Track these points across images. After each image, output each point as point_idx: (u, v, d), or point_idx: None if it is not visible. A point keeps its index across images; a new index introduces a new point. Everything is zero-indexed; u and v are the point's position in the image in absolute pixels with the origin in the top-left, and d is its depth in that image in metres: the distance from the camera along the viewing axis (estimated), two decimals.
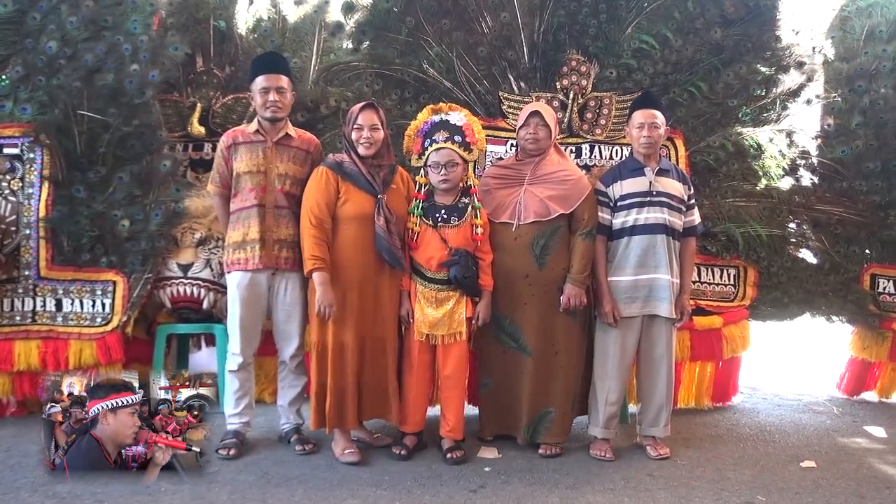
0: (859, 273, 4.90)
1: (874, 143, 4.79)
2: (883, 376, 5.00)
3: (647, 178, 3.65)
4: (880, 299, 4.91)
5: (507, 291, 3.62)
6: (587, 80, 4.48)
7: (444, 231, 3.51)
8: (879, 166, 4.79)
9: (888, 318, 4.89)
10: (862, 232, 4.90)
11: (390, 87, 4.52)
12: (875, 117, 4.81)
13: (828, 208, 4.88)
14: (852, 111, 4.87)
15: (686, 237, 3.77)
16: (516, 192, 3.64)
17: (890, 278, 4.93)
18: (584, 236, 3.61)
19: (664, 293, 3.62)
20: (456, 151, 3.49)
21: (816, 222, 4.90)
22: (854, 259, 4.91)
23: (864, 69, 4.89)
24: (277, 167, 3.54)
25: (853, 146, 4.82)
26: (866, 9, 5.10)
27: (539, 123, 3.63)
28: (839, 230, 4.89)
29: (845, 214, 4.87)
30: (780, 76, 4.65)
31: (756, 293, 4.65)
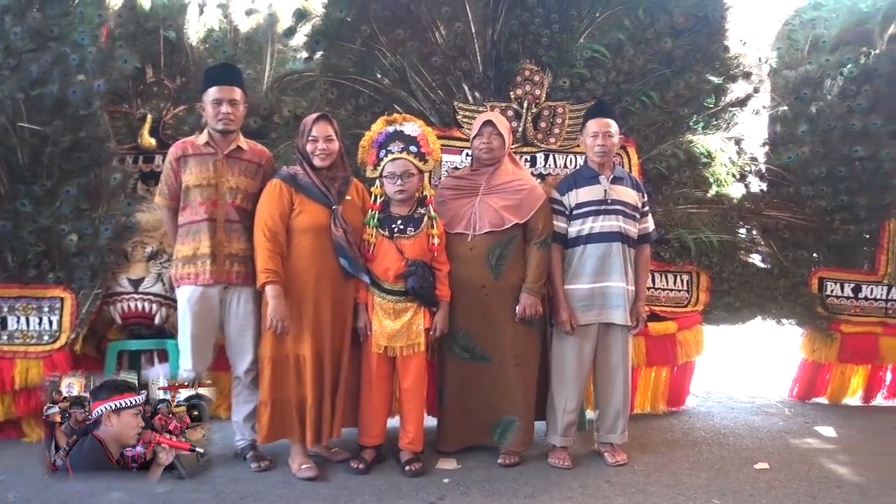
0: (807, 277, 4.99)
1: (820, 150, 4.88)
2: (833, 379, 5.08)
3: (602, 187, 3.66)
4: (828, 302, 5.01)
5: (464, 302, 3.59)
6: (541, 90, 4.49)
7: (401, 242, 3.47)
8: (825, 172, 4.88)
9: (836, 320, 4.98)
10: (809, 236, 5.00)
11: (345, 97, 4.47)
12: (821, 124, 4.90)
13: (776, 214, 4.96)
14: (798, 119, 4.96)
15: (640, 244, 3.79)
16: (471, 202, 3.62)
17: (837, 281, 5.03)
18: (540, 245, 3.60)
19: (620, 301, 3.63)
20: (411, 162, 3.47)
21: (765, 228, 4.98)
22: (802, 263, 5.01)
23: (809, 78, 4.98)
24: (228, 180, 3.47)
25: (799, 153, 4.91)
26: (810, 21, 5.24)
27: (493, 133, 3.62)
28: (787, 235, 4.98)
29: (793, 220, 4.96)
30: (728, 85, 4.72)
31: (709, 298, 4.70)
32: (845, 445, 4.13)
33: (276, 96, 4.38)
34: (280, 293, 3.32)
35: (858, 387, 5.10)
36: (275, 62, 4.56)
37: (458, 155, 4.45)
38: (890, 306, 5.01)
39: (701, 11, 4.59)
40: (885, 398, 5.11)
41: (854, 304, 5.02)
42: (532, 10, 4.47)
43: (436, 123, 4.43)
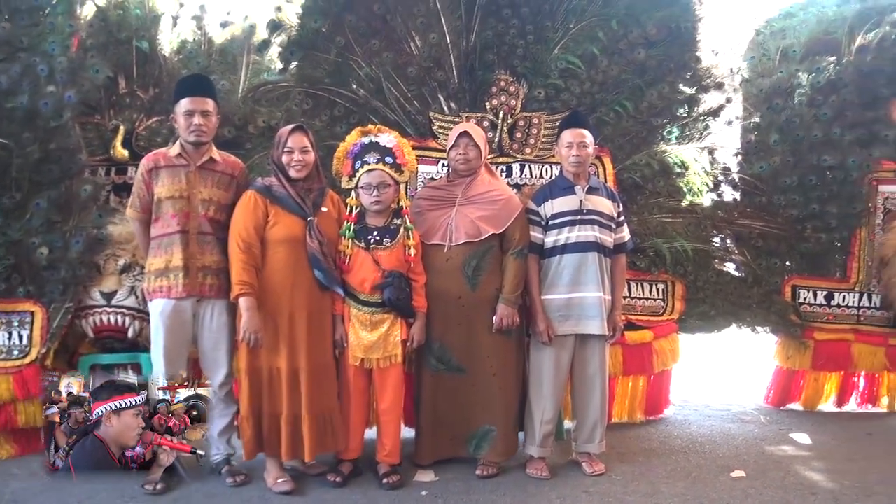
0: (781, 285, 5.04)
1: (791, 159, 4.93)
2: (807, 385, 5.12)
3: (578, 197, 3.67)
4: (801, 309, 5.05)
5: (440, 313, 3.58)
6: (516, 100, 4.50)
7: (377, 253, 3.45)
8: (796, 181, 4.93)
9: (809, 328, 5.02)
10: (782, 245, 5.04)
11: (320, 108, 4.46)
12: (791, 134, 4.95)
13: (749, 223, 5.00)
14: (770, 128, 5.01)
15: (616, 254, 3.80)
16: (447, 213, 3.61)
17: (810, 289, 5.07)
18: (516, 256, 3.60)
19: (596, 311, 3.63)
20: (387, 173, 3.46)
21: (739, 236, 5.02)
22: (775, 271, 5.04)
23: (780, 87, 5.03)
24: (201, 192, 3.43)
25: (771, 162, 4.95)
26: (780, 31, 5.31)
27: (469, 144, 3.62)
28: (760, 244, 5.02)
29: (766, 228, 5.00)
30: (701, 96, 4.77)
31: (684, 307, 4.72)
32: (820, 452, 4.16)
33: (251, 107, 4.35)
34: (254, 305, 3.29)
35: (832, 393, 5.14)
36: (249, 73, 4.53)
37: (434, 165, 4.44)
38: (862, 313, 5.06)
39: (673, 23, 4.63)
40: (858, 404, 5.15)
41: (827, 312, 5.07)
42: (507, 21, 4.49)
43: (411, 134, 4.42)
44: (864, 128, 4.97)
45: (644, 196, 4.68)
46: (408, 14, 4.43)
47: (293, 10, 4.52)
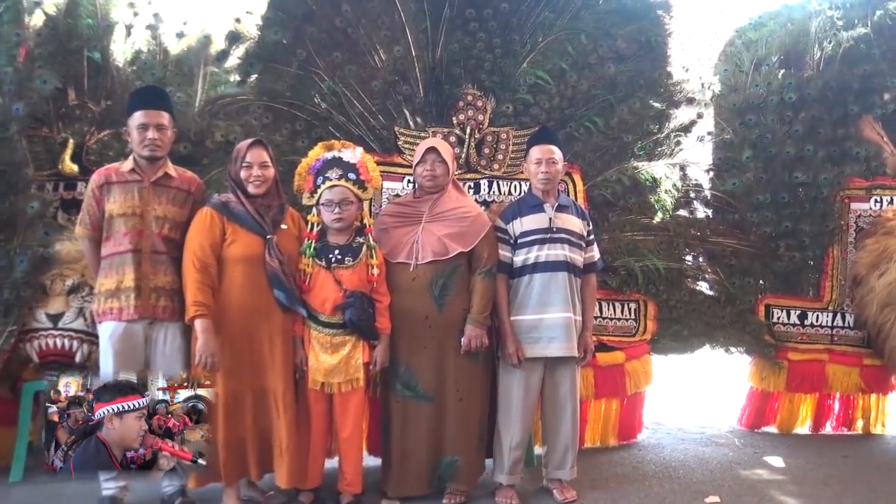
0: (754, 304, 5.10)
1: (763, 176, 5.01)
2: (781, 407, 5.17)
3: (547, 215, 3.68)
4: (775, 329, 5.12)
5: (406, 335, 3.56)
6: (484, 115, 4.52)
7: (339, 272, 3.43)
8: (769, 198, 5.01)
9: (783, 348, 5.09)
10: (755, 263, 5.11)
11: (280, 122, 4.44)
12: (764, 150, 5.03)
13: (722, 240, 5.07)
14: (742, 144, 5.08)
15: (587, 273, 3.81)
16: (414, 230, 3.60)
17: (783, 308, 5.14)
18: (485, 275, 3.59)
19: (567, 332, 3.62)
20: (350, 189, 3.44)
21: (711, 254, 5.08)
22: (749, 290, 5.11)
23: (752, 102, 5.11)
24: (155, 209, 3.38)
25: (743, 179, 5.03)
26: (752, 42, 5.36)
27: (436, 160, 3.62)
28: (733, 262, 5.08)
29: (738, 246, 5.07)
30: (672, 111, 4.84)
31: (656, 327, 4.76)
32: (794, 476, 4.19)
33: (208, 121, 4.33)
34: (210, 327, 3.24)
35: (808, 416, 5.20)
36: (207, 85, 4.52)
37: (400, 182, 4.44)
38: (835, 333, 5.13)
39: (643, 37, 4.71)
40: (834, 428, 5.20)
41: (800, 332, 5.13)
42: (473, 34, 4.52)
43: (376, 149, 4.42)
44: (835, 145, 5.07)
45: (615, 213, 4.73)
46: (372, 26, 4.44)
47: (252, 21, 4.51)
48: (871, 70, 5.09)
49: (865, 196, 5.12)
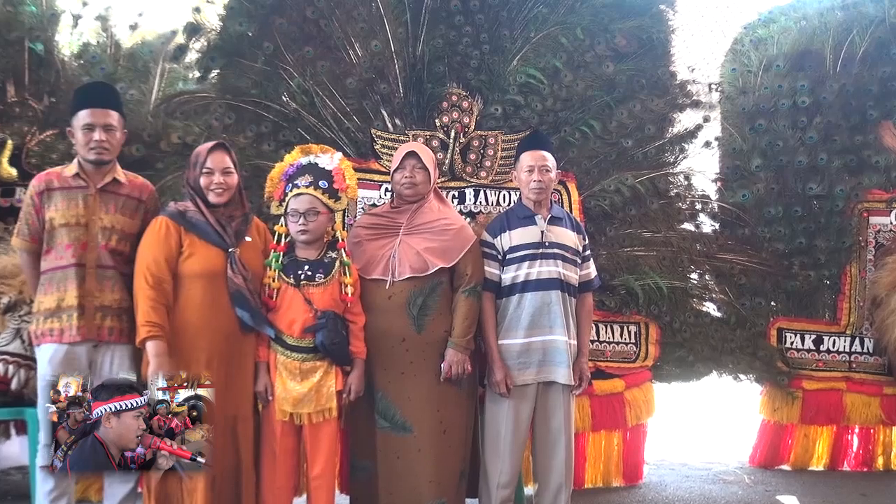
0: (766, 327, 5.13)
1: (774, 187, 5.05)
2: (795, 442, 5.18)
3: (539, 228, 3.68)
4: (788, 355, 5.14)
5: (382, 359, 3.54)
6: (470, 117, 4.54)
7: (308, 290, 3.41)
8: (781, 211, 5.05)
9: (797, 376, 5.11)
10: (767, 282, 5.14)
11: (244, 123, 4.45)
12: (775, 159, 5.07)
13: (730, 257, 5.10)
14: (752, 152, 5.13)
15: (582, 293, 3.81)
16: (390, 243, 3.59)
17: (797, 332, 5.16)
18: (468, 293, 3.58)
19: (561, 357, 3.62)
20: (318, 199, 3.42)
21: (719, 272, 5.11)
22: (760, 312, 5.13)
23: (762, 106, 5.15)
24: (101, 219, 3.35)
25: (753, 190, 5.06)
26: (761, 41, 5.40)
27: (416, 166, 3.61)
28: (743, 281, 5.11)
29: (749, 264, 5.10)
30: (676, 115, 4.90)
31: (659, 352, 4.78)
32: None
33: (164, 121, 4.32)
34: (163, 350, 3.20)
35: (824, 451, 5.20)
36: (163, 82, 4.50)
37: (376, 190, 4.45)
38: (854, 359, 5.16)
39: (644, 34, 4.76)
40: (852, 466, 5.21)
41: (816, 358, 5.15)
42: (459, 28, 4.54)
43: (351, 154, 4.43)
44: (852, 153, 5.12)
45: (613, 227, 4.75)
46: (346, 18, 4.46)
47: (214, 11, 4.51)
48: (891, 72, 5.16)
49: (886, 210, 5.17)
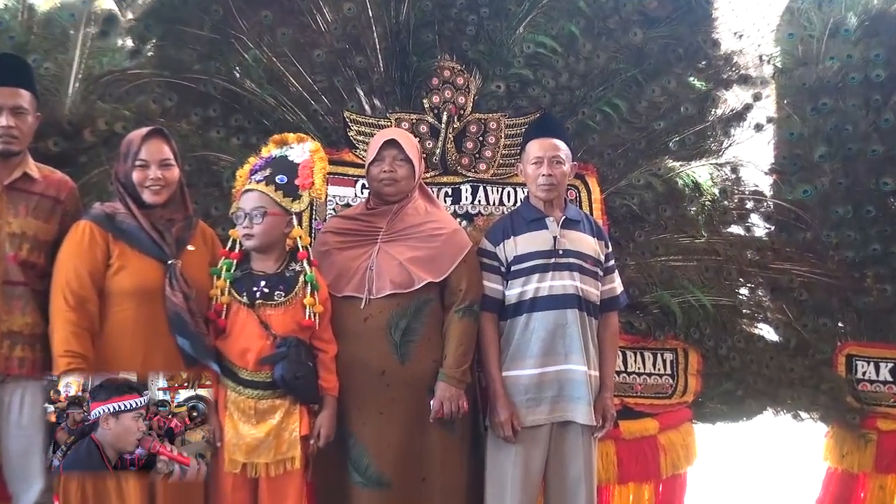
0: (832, 354, 5.10)
1: (843, 181, 5.03)
2: (869, 495, 5.16)
3: (551, 233, 3.70)
4: (860, 388, 5.10)
5: (356, 396, 3.55)
6: (466, 97, 4.55)
7: (265, 312, 3.41)
8: (851, 211, 5.03)
9: (871, 414, 5.07)
10: (834, 299, 5.11)
11: (188, 105, 4.45)
12: (843, 146, 5.05)
13: (789, 267, 5.07)
14: (815, 138, 5.09)
15: (606, 312, 3.83)
16: (366, 253, 3.61)
17: (871, 360, 5.13)
18: (463, 314, 3.59)
19: (580, 391, 3.63)
20: (269, 197, 3.42)
21: (775, 286, 5.09)
22: (825, 335, 5.10)
23: (827, 81, 5.13)
24: (9, 223, 3.35)
25: (817, 184, 5.05)
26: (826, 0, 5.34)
27: (397, 157, 3.63)
28: (805, 296, 5.08)
29: (811, 275, 5.07)
30: (720, 93, 4.90)
31: (701, 385, 4.77)
32: None
33: (88, 103, 4.33)
34: None
35: None
36: (87, 55, 4.48)
37: (351, 187, 4.45)
38: None
39: None
40: None
41: (893, 392, 5.13)
42: None
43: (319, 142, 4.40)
44: None
45: (644, 231, 4.76)
46: None
47: None
48: None
49: None
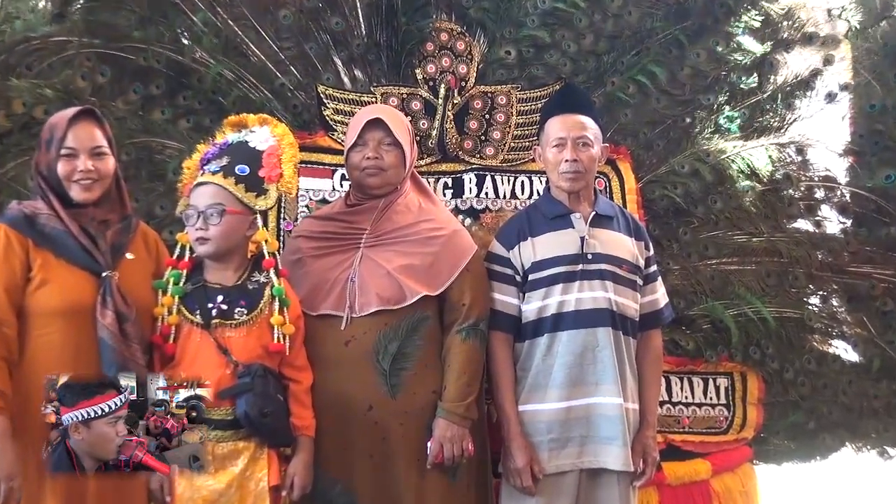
0: None
1: None
2: None
3: (577, 232, 3.69)
4: None
5: (339, 437, 3.55)
6: (468, 66, 4.56)
7: (224, 334, 3.40)
8: None
9: None
10: None
11: (124, 80, 4.46)
12: None
13: (870, 271, 5.09)
14: None
15: (646, 330, 3.83)
16: (347, 261, 3.60)
17: None
18: (467, 334, 3.58)
19: (614, 429, 3.62)
20: (228, 191, 3.42)
21: (853, 294, 5.10)
22: None
23: None
24: None
25: None
26: None
27: (384, 141, 3.62)
28: (890, 306, 5.08)
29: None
30: (779, 56, 4.89)
31: (763, 417, 4.75)
32: None
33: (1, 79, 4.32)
34: (5, 430, 3.22)
35: None
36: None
37: (328, 179, 4.45)
38: None
39: None
40: None
41: None
42: None
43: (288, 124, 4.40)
44: None
45: (690, 228, 4.76)
46: None
47: None
48: None
49: None
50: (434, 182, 4.30)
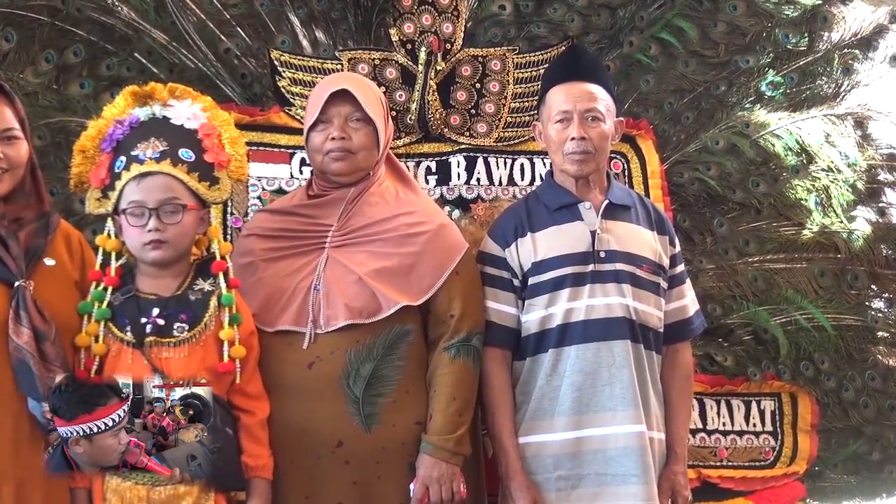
0: None
1: None
2: None
3: (587, 226, 3.73)
4: None
5: (301, 480, 3.57)
6: (454, 24, 4.58)
7: (160, 354, 3.43)
8: None
9: None
10: None
11: (35, 47, 4.47)
12: None
13: None
14: None
15: (673, 343, 3.87)
16: (309, 265, 3.64)
17: None
18: (457, 352, 3.61)
19: (635, 464, 3.65)
20: (180, 182, 3.45)
21: None
22: None
23: None
24: None
25: None
26: None
27: (352, 116, 3.65)
28: None
29: None
30: (833, 9, 4.93)
31: (818, 446, 4.79)
32: None
33: None
34: None
35: None
36: None
37: (284, 164, 4.48)
38: None
39: None
40: None
41: None
42: None
43: (234, 99, 4.44)
44: None
45: (726, 218, 4.80)
46: None
47: None
48: None
49: None
50: (415, 167, 4.36)
